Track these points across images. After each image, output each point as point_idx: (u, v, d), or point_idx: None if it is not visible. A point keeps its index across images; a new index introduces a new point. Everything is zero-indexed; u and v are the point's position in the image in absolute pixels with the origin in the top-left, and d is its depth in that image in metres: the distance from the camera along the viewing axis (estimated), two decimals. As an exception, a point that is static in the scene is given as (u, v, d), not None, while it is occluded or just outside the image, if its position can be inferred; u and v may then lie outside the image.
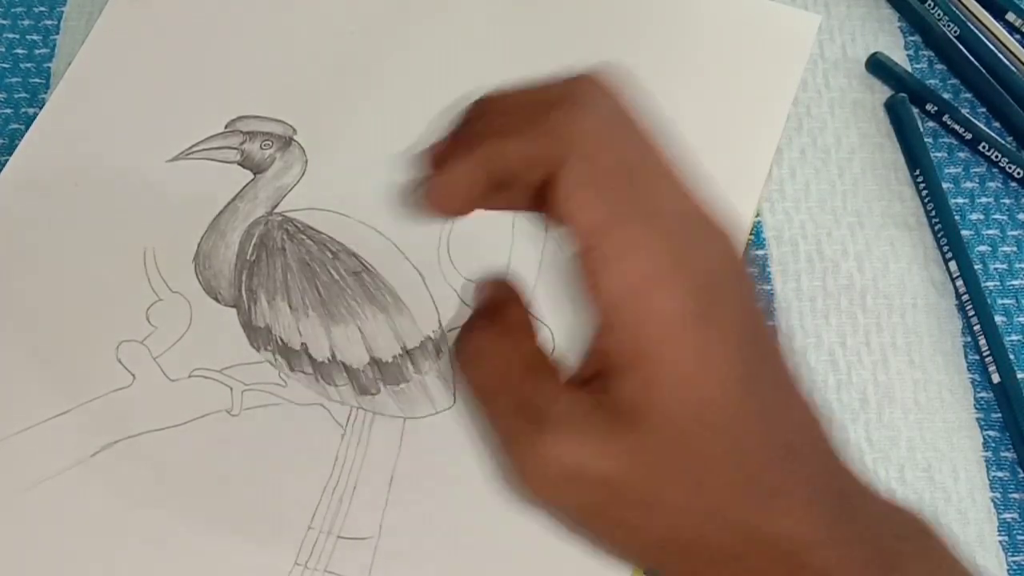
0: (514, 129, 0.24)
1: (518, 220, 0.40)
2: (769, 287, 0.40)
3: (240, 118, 0.42)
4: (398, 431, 0.37)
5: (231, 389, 0.37)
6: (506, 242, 0.40)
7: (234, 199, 0.40)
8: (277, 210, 0.40)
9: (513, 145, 0.24)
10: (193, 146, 0.41)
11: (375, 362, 0.37)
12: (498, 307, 0.27)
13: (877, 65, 0.43)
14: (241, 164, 0.41)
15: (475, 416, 0.25)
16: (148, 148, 0.41)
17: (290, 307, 0.38)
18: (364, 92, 0.43)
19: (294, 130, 0.42)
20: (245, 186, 0.41)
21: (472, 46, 0.43)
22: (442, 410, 0.37)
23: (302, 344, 0.38)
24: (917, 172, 0.41)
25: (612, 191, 0.23)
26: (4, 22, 0.46)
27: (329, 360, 0.37)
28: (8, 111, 0.44)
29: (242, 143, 0.41)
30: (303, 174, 0.41)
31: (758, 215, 0.41)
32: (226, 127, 0.42)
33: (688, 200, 0.24)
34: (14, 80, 0.45)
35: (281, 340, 0.38)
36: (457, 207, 0.25)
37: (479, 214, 0.25)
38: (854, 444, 0.37)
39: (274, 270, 0.39)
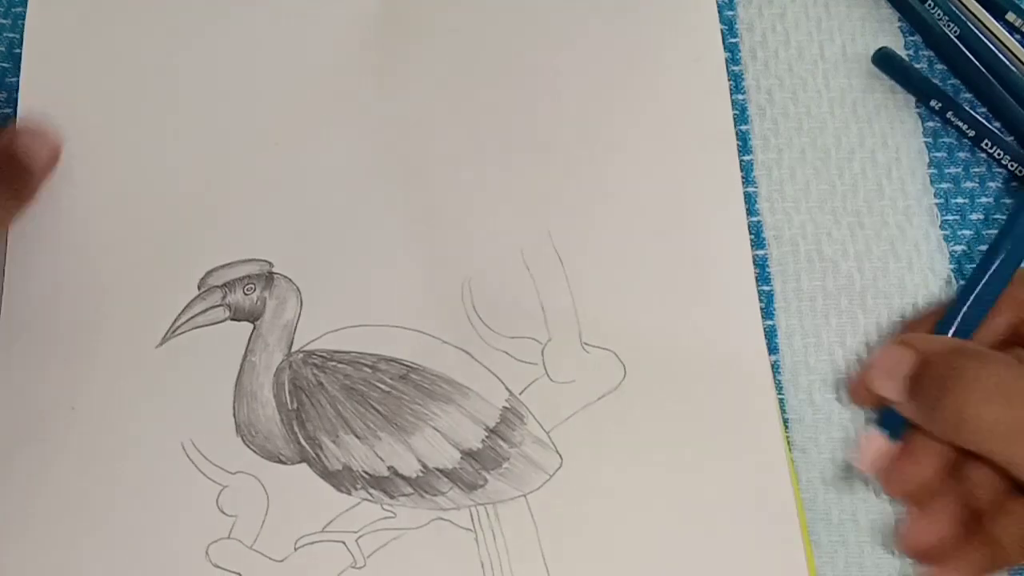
0: None
1: (527, 254, 0.39)
2: (769, 287, 0.40)
3: (209, 273, 0.39)
4: (526, 509, 0.36)
5: (344, 543, 0.36)
6: (528, 284, 0.39)
7: (246, 356, 0.38)
8: (294, 348, 0.38)
9: None
10: (176, 322, 0.39)
11: (467, 454, 0.37)
12: None
13: (883, 59, 0.43)
14: (234, 319, 0.39)
15: None
16: (134, 337, 0.38)
17: (358, 437, 0.37)
18: (323, 199, 0.41)
19: (270, 264, 0.40)
20: (250, 338, 0.38)
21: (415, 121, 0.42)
22: (554, 472, 0.37)
23: (389, 468, 0.36)
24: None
25: None
26: (4, 22, 0.45)
27: (423, 472, 0.36)
28: (8, 111, 0.42)
29: (224, 297, 0.39)
30: (301, 303, 0.39)
31: (759, 216, 0.41)
32: (199, 288, 0.39)
33: None
34: (14, 80, 0.43)
35: (366, 473, 0.36)
36: None
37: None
38: (853, 443, 0.37)
39: (323, 408, 0.37)
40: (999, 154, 0.41)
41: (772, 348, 0.39)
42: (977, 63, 0.43)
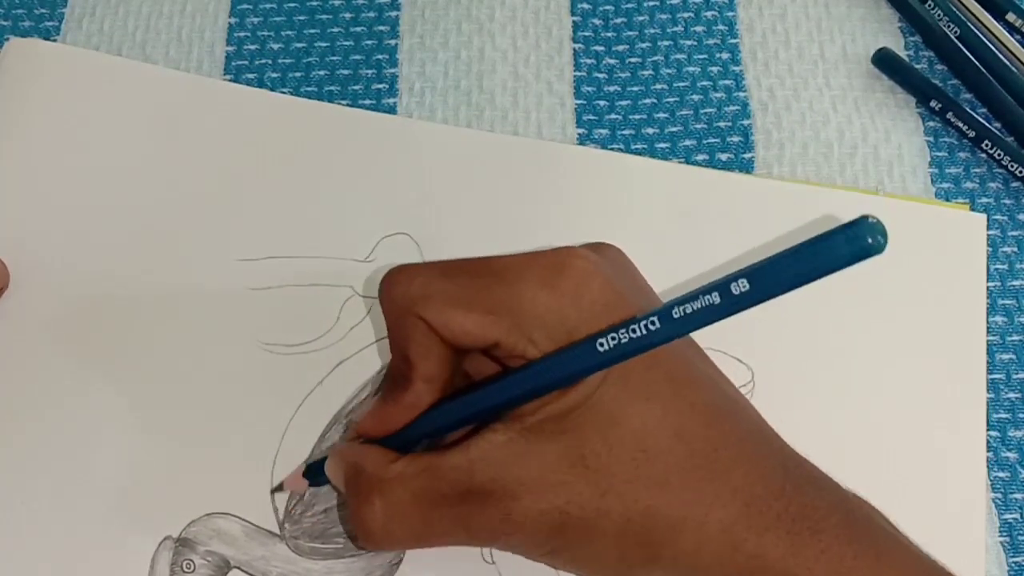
0: None
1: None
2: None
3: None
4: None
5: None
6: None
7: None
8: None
9: None
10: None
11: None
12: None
13: (883, 59, 0.43)
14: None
15: None
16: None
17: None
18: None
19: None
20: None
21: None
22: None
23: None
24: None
25: None
26: (5, 23, 0.45)
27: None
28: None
29: None
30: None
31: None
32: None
33: None
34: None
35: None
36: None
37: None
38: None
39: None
40: (999, 154, 0.41)
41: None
42: (977, 63, 0.43)
